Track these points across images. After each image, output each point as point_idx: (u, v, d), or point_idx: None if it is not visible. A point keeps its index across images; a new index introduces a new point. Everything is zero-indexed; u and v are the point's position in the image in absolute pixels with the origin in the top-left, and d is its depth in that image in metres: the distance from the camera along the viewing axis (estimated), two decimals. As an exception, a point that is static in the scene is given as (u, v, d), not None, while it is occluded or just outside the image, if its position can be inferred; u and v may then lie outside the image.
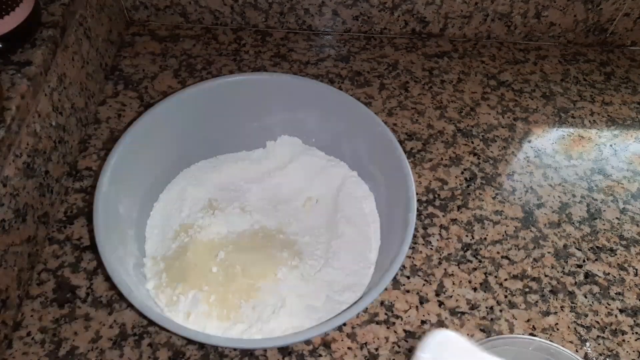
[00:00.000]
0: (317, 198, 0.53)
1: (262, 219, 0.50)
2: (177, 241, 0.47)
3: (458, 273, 0.51)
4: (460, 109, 0.65)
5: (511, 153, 0.61)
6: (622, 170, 0.61)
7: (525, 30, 0.72)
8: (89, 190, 0.54)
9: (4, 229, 0.43)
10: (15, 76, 0.46)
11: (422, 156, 0.60)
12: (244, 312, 0.43)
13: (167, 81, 0.65)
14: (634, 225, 0.56)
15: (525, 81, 0.69)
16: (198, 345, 0.45)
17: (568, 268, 0.52)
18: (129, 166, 0.46)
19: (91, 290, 0.47)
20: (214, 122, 0.53)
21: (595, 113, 0.66)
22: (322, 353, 0.45)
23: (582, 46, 0.74)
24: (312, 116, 0.54)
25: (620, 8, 0.69)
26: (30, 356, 0.43)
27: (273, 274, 0.45)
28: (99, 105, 0.62)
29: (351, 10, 0.69)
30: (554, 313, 0.49)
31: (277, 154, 0.55)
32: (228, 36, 0.71)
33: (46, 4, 0.53)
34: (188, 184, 0.52)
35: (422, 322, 0.47)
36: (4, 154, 0.43)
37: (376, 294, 0.39)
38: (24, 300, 0.46)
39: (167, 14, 0.70)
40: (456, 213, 0.55)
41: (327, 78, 0.66)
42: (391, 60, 0.69)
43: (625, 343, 0.48)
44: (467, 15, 0.70)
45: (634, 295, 0.51)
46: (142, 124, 0.47)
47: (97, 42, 0.62)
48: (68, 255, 0.49)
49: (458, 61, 0.70)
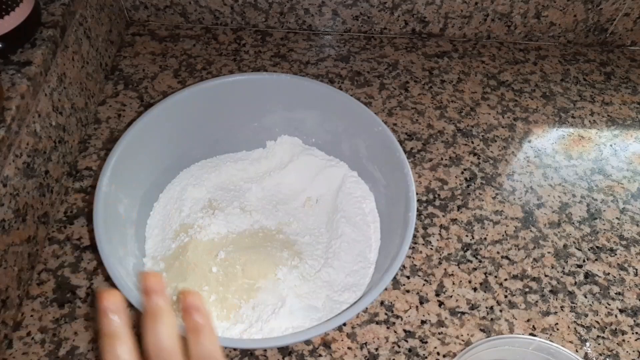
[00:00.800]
0: (317, 198, 0.53)
1: (262, 218, 0.50)
2: (177, 241, 0.47)
3: (458, 273, 0.51)
4: (460, 109, 0.65)
5: (511, 153, 0.61)
6: (622, 170, 0.61)
7: (525, 30, 0.72)
8: (89, 190, 0.54)
9: (4, 229, 0.43)
10: (15, 76, 0.46)
11: (422, 156, 0.60)
12: (244, 312, 0.43)
13: (167, 81, 0.65)
14: (634, 225, 0.56)
15: (525, 81, 0.69)
16: (198, 345, 0.45)
17: (568, 268, 0.52)
18: (129, 166, 0.46)
19: (91, 290, 0.47)
20: (214, 122, 0.53)
21: (595, 113, 0.66)
22: (322, 353, 0.45)
23: (582, 46, 0.74)
24: (312, 116, 0.54)
25: (620, 8, 0.69)
26: (30, 356, 0.43)
27: (273, 274, 0.45)
28: (99, 105, 0.62)
29: (351, 10, 0.69)
30: (554, 313, 0.49)
31: (277, 154, 0.55)
32: (228, 36, 0.71)
33: (46, 4, 0.53)
34: (188, 184, 0.52)
35: (422, 322, 0.47)
36: (4, 154, 0.43)
37: (376, 294, 0.39)
38: (24, 300, 0.46)
39: (167, 14, 0.70)
40: (456, 213, 0.55)
41: (327, 78, 0.66)
42: (391, 60, 0.69)
43: (625, 343, 0.48)
44: (467, 15, 0.70)
45: (634, 295, 0.51)
46: (142, 124, 0.47)
47: (97, 42, 0.62)
48: (68, 255, 0.49)
49: (458, 61, 0.70)
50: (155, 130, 0.49)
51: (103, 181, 0.43)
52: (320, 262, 0.47)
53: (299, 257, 0.47)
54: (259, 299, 0.44)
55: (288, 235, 0.50)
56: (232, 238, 0.48)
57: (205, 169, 0.54)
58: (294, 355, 0.45)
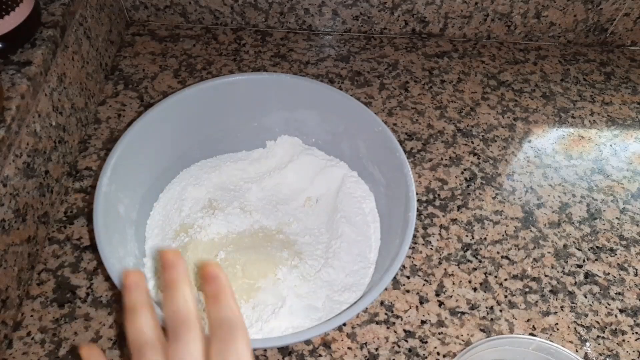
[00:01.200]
0: (317, 198, 0.53)
1: (262, 218, 0.50)
2: (177, 241, 0.47)
3: (458, 273, 0.51)
4: (460, 109, 0.65)
5: (511, 153, 0.61)
6: (622, 170, 0.61)
7: (525, 30, 0.72)
8: (89, 190, 0.54)
9: (4, 229, 0.43)
10: (15, 76, 0.46)
11: (422, 156, 0.60)
12: (244, 312, 0.43)
13: (167, 81, 0.65)
14: (634, 225, 0.56)
15: (525, 81, 0.69)
16: (198, 345, 0.45)
17: (568, 268, 0.52)
18: (129, 166, 0.46)
19: (91, 290, 0.47)
20: (214, 122, 0.53)
21: (595, 113, 0.66)
22: (322, 353, 0.45)
23: (582, 46, 0.74)
24: (312, 116, 0.54)
25: (620, 8, 0.69)
26: (30, 356, 0.43)
27: (273, 274, 0.45)
28: (99, 105, 0.62)
29: (351, 10, 0.69)
30: (554, 313, 0.49)
31: (277, 154, 0.55)
32: (228, 36, 0.71)
33: (46, 4, 0.53)
34: (188, 184, 0.52)
35: (422, 322, 0.47)
36: (4, 154, 0.43)
37: (376, 294, 0.39)
38: (24, 300, 0.46)
39: (167, 14, 0.70)
40: (456, 213, 0.55)
41: (327, 78, 0.66)
42: (391, 60, 0.69)
43: (625, 343, 0.48)
44: (467, 15, 0.70)
45: (634, 295, 0.51)
46: (142, 124, 0.47)
47: (97, 42, 0.62)
48: (68, 255, 0.49)
49: (458, 61, 0.70)
50: (155, 130, 0.49)
51: (103, 181, 0.43)
52: (320, 262, 0.47)
53: (299, 257, 0.47)
54: (259, 299, 0.44)
55: (288, 235, 0.50)
56: (232, 238, 0.48)
57: (205, 169, 0.54)
58: (294, 355, 0.45)
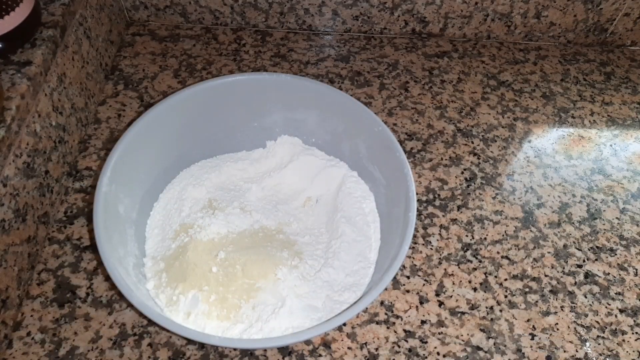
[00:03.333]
0: (317, 198, 0.53)
1: (262, 218, 0.50)
2: (177, 241, 0.47)
3: (458, 273, 0.51)
4: (460, 109, 0.65)
5: (511, 153, 0.61)
6: (622, 170, 0.61)
7: (525, 30, 0.72)
8: (89, 190, 0.54)
9: (4, 229, 0.43)
10: (15, 76, 0.46)
11: (422, 156, 0.60)
12: (244, 312, 0.43)
13: (167, 81, 0.65)
14: (634, 225, 0.56)
15: (525, 81, 0.69)
16: (198, 345, 0.45)
17: (568, 268, 0.52)
18: (129, 166, 0.46)
19: (91, 290, 0.47)
20: (214, 122, 0.53)
21: (595, 113, 0.66)
22: (322, 353, 0.45)
23: (582, 46, 0.74)
24: (312, 116, 0.54)
25: (620, 8, 0.69)
26: (30, 356, 0.43)
27: (273, 274, 0.45)
28: (99, 105, 0.62)
29: (351, 10, 0.69)
30: (554, 313, 0.49)
31: (277, 154, 0.55)
32: (228, 36, 0.71)
33: (46, 4, 0.53)
34: (188, 184, 0.52)
35: (422, 322, 0.47)
36: (4, 154, 0.43)
37: (376, 294, 0.39)
38: (24, 300, 0.46)
39: (167, 14, 0.70)
40: (456, 213, 0.55)
41: (327, 78, 0.66)
42: (391, 60, 0.69)
43: (625, 343, 0.48)
44: (467, 15, 0.70)
45: (634, 295, 0.51)
46: (142, 124, 0.47)
47: (97, 42, 0.62)
48: (68, 255, 0.49)
49: (458, 61, 0.70)
50: (155, 130, 0.49)
51: (103, 181, 0.43)
52: (320, 262, 0.47)
53: (299, 257, 0.47)
54: (259, 299, 0.44)
55: (288, 235, 0.50)
56: (232, 238, 0.48)
57: (205, 169, 0.54)
58: (294, 355, 0.45)
